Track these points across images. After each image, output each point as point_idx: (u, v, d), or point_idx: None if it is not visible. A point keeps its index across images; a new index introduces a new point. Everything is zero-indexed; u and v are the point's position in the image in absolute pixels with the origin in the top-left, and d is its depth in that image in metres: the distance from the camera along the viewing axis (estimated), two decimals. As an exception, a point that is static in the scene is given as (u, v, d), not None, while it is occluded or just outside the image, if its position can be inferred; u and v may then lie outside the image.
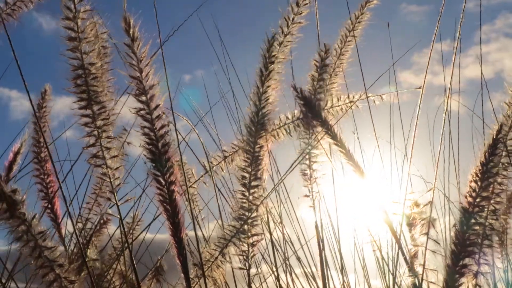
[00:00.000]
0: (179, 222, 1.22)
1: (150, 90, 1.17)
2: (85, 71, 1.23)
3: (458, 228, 1.20)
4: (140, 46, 1.15)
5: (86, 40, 1.21)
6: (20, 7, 1.45)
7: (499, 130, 1.18)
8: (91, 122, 1.26)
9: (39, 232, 1.16)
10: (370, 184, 1.57)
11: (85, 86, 1.24)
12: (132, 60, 1.16)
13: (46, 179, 1.61)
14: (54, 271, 1.17)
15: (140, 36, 1.15)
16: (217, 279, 1.58)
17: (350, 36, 1.77)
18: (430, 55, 1.44)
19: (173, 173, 1.20)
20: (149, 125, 1.19)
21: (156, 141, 1.19)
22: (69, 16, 1.20)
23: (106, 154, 1.27)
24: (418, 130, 1.42)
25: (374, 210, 1.53)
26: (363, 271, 1.89)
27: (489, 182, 1.17)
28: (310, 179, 1.73)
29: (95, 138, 1.26)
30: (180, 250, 1.23)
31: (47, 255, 1.16)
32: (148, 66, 1.16)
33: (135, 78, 1.17)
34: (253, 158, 1.49)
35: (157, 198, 1.21)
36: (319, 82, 1.72)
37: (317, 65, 1.72)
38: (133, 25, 1.14)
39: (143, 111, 1.18)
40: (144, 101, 1.18)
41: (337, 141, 1.57)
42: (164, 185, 1.20)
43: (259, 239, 1.53)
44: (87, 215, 1.84)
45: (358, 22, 1.78)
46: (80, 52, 1.22)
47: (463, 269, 1.20)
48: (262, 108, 1.50)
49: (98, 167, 1.27)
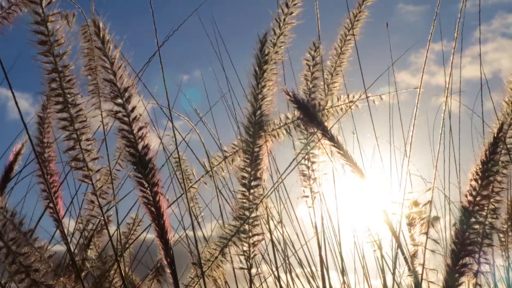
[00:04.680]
0: (164, 223, 1.21)
1: (125, 92, 1.16)
2: (59, 74, 1.22)
3: (458, 227, 1.20)
4: (111, 49, 1.15)
5: (57, 43, 1.20)
6: (15, 10, 1.45)
7: (500, 129, 1.18)
8: (69, 125, 1.25)
9: (11, 239, 1.15)
10: (370, 184, 1.57)
11: (61, 90, 1.22)
12: (105, 63, 1.15)
13: (49, 179, 1.60)
14: (29, 277, 1.16)
15: (110, 39, 1.14)
16: (217, 278, 1.58)
17: (349, 35, 1.78)
18: (426, 55, 1.45)
19: (155, 174, 1.19)
20: (127, 127, 1.18)
21: (136, 143, 1.18)
22: (38, 20, 1.19)
23: (86, 156, 1.27)
24: (417, 130, 1.42)
25: (374, 210, 1.53)
26: (363, 271, 1.89)
27: (489, 181, 1.17)
28: (310, 179, 1.74)
29: (74, 141, 1.26)
30: (167, 251, 1.22)
31: (21, 261, 1.16)
32: (121, 68, 1.16)
33: (109, 80, 1.16)
34: (253, 158, 1.50)
35: (141, 201, 1.20)
36: (313, 81, 1.73)
37: (309, 64, 1.73)
38: (102, 27, 1.14)
39: (120, 114, 1.17)
40: (120, 103, 1.17)
41: (334, 142, 1.57)
42: (147, 187, 1.19)
43: (260, 239, 1.53)
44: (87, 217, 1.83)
45: (356, 20, 1.78)
46: (52, 55, 1.21)
47: (463, 269, 1.20)
48: (259, 107, 1.50)
49: (79, 169, 1.27)
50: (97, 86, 1.76)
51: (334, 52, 1.80)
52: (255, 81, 1.49)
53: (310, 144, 1.68)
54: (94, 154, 1.27)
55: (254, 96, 1.49)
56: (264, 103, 1.50)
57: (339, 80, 1.80)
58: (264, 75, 1.49)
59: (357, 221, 1.87)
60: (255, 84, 1.49)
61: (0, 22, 1.42)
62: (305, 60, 1.74)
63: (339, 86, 1.80)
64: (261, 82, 1.49)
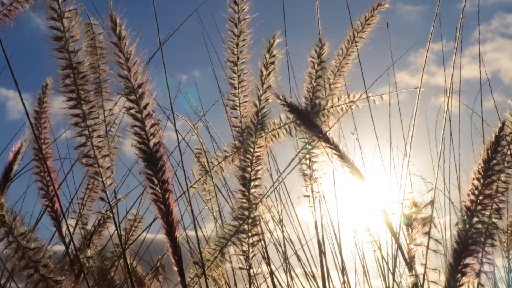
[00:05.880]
0: (172, 221, 1.21)
1: (139, 88, 1.16)
2: (74, 70, 1.22)
3: (460, 227, 1.19)
4: (127, 45, 1.14)
5: (73, 39, 1.21)
6: (17, 7, 1.45)
7: (502, 127, 1.18)
8: (82, 122, 1.25)
9: (21, 234, 1.15)
10: (370, 184, 1.57)
11: (74, 86, 1.23)
12: (120, 58, 1.15)
13: (46, 177, 1.59)
14: (38, 272, 1.16)
15: (126, 35, 1.14)
16: (217, 278, 1.58)
17: (357, 37, 1.77)
18: (427, 55, 1.45)
19: (165, 171, 1.19)
20: (139, 124, 1.18)
21: (147, 140, 1.18)
22: (54, 16, 1.19)
23: (97, 153, 1.27)
24: (417, 130, 1.42)
25: (373, 210, 1.53)
26: (363, 271, 1.89)
27: (492, 180, 1.17)
28: (310, 179, 1.73)
29: (86, 138, 1.26)
30: (175, 249, 1.22)
31: (30, 256, 1.16)
32: (136, 65, 1.15)
33: (123, 77, 1.16)
34: (253, 158, 1.49)
35: (151, 198, 1.21)
36: (317, 80, 1.72)
37: (314, 61, 1.72)
38: (119, 23, 1.13)
39: (133, 110, 1.17)
40: (133, 99, 1.17)
41: (330, 144, 1.57)
42: (157, 184, 1.19)
43: (259, 239, 1.53)
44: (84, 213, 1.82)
45: (367, 24, 1.78)
46: (67, 51, 1.21)
47: (465, 268, 1.20)
48: (262, 108, 1.50)
49: (90, 166, 1.27)
50: (100, 84, 1.75)
51: (340, 52, 1.80)
52: (260, 81, 1.49)
53: (311, 144, 1.68)
54: (105, 151, 1.27)
55: (258, 96, 1.49)
56: (267, 104, 1.50)
57: (341, 81, 1.80)
58: (270, 75, 1.49)
59: (357, 221, 1.87)
60: (260, 84, 1.49)
61: (1, 19, 1.41)
62: (311, 57, 1.73)
63: (340, 87, 1.80)
64: (265, 83, 1.49)
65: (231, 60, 1.63)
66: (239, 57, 1.63)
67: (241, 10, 1.57)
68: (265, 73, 1.49)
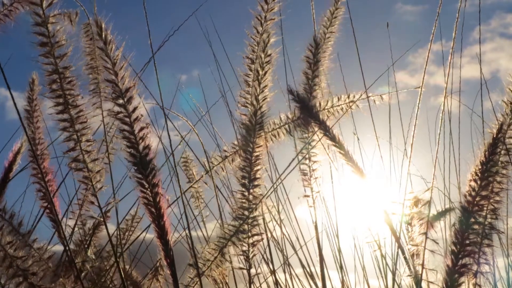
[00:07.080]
0: (164, 224, 1.21)
1: (127, 92, 1.16)
2: (60, 75, 1.22)
3: (458, 228, 1.19)
4: (113, 49, 1.14)
5: (58, 44, 1.20)
6: (17, 8, 1.45)
7: (499, 129, 1.18)
8: (70, 126, 1.25)
9: (8, 242, 1.15)
10: (370, 184, 1.57)
11: (61, 91, 1.23)
12: (106, 63, 1.15)
13: (44, 178, 1.58)
14: (27, 280, 1.16)
15: (113, 39, 1.14)
16: (216, 278, 1.58)
17: (328, 33, 1.77)
18: (428, 55, 1.44)
19: (156, 175, 1.19)
20: (128, 128, 1.18)
21: (137, 143, 1.18)
22: (38, 22, 1.19)
23: (86, 157, 1.27)
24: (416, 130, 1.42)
25: (374, 210, 1.53)
26: (363, 271, 1.89)
27: (488, 181, 1.17)
28: (310, 179, 1.73)
29: (75, 142, 1.26)
30: (167, 252, 1.22)
31: (18, 264, 1.16)
32: (123, 69, 1.16)
33: (110, 81, 1.16)
34: (252, 157, 1.49)
35: (141, 201, 1.21)
36: (313, 80, 1.72)
37: (310, 61, 1.72)
38: (105, 28, 1.14)
39: (121, 114, 1.17)
40: (121, 104, 1.17)
41: (335, 142, 1.57)
42: (148, 188, 1.19)
43: (260, 239, 1.53)
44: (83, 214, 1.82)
45: (334, 18, 1.78)
46: (53, 57, 1.21)
47: (463, 269, 1.20)
48: (260, 108, 1.50)
49: (79, 171, 1.27)
50: (98, 85, 1.75)
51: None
52: (257, 81, 1.49)
53: (311, 143, 1.68)
54: (94, 155, 1.27)
55: (256, 96, 1.49)
56: (265, 103, 1.50)
57: (322, 78, 1.79)
58: (266, 75, 1.49)
59: (357, 221, 1.87)
60: (257, 84, 1.49)
61: (2, 20, 1.41)
62: (306, 57, 1.73)
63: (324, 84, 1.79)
64: (262, 82, 1.49)
65: (249, 57, 1.61)
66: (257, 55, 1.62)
67: (270, 9, 1.55)
68: (261, 72, 1.49)
